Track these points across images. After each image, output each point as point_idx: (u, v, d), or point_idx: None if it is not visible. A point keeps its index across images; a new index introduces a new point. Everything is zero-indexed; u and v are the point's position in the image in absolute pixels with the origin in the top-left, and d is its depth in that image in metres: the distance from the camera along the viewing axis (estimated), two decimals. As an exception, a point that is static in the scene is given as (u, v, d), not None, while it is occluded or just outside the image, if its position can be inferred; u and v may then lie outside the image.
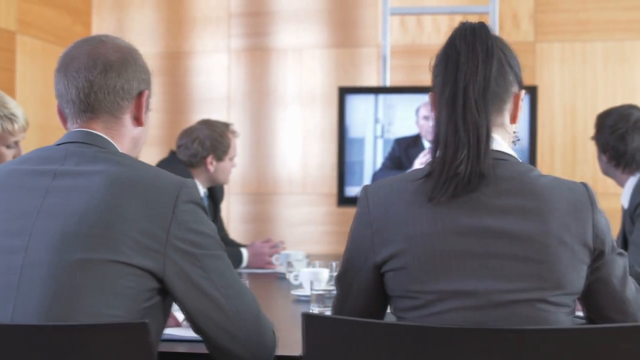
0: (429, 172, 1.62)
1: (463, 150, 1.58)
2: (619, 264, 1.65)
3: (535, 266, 1.56)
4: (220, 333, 1.68)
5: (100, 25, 5.45)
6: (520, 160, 1.68)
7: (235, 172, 5.31)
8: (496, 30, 4.36)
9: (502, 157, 1.65)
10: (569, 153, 5.01)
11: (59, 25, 5.07)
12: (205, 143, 3.51)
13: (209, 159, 3.53)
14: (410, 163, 4.22)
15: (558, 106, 5.05)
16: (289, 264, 3.03)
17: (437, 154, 1.62)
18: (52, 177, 1.65)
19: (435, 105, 1.69)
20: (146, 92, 1.81)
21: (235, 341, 1.69)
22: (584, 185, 1.65)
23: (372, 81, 5.05)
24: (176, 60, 5.41)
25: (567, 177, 4.79)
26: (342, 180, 4.32)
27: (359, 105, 4.33)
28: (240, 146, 5.31)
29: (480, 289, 1.56)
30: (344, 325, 1.52)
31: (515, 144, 1.75)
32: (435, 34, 5.05)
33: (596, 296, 1.65)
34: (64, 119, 1.81)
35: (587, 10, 5.06)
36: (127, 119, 1.79)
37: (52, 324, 1.51)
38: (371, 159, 4.28)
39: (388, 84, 4.42)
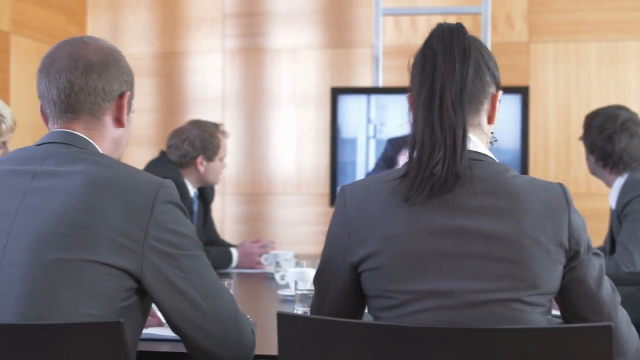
0: (405, 172, 1.63)
1: (439, 151, 1.59)
2: (595, 264, 1.65)
3: (510, 266, 1.57)
4: (199, 332, 1.69)
5: (95, 26, 5.47)
6: (497, 161, 1.68)
7: (230, 172, 5.33)
8: (488, 31, 4.37)
9: (478, 157, 1.65)
10: (562, 153, 5.02)
11: (54, 25, 5.08)
12: (195, 143, 3.52)
13: (199, 159, 3.54)
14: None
15: (552, 106, 5.06)
16: (278, 264, 3.04)
17: (414, 154, 1.63)
18: (31, 178, 1.66)
19: (413, 105, 1.69)
20: (128, 93, 1.81)
21: (213, 340, 1.70)
22: (560, 185, 1.66)
23: (367, 82, 5.06)
24: (171, 61, 5.42)
25: (562, 177, 4.82)
26: (334, 180, 4.33)
27: (351, 106, 4.34)
28: (234, 146, 5.33)
29: (455, 289, 1.57)
30: (318, 325, 1.53)
31: (492, 145, 1.76)
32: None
33: (572, 296, 1.65)
34: (45, 119, 1.82)
35: (581, 11, 5.07)
36: (108, 120, 1.80)
37: (28, 323, 1.52)
38: (363, 159, 4.28)
39: (381, 84, 4.43)
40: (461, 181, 1.59)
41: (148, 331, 2.10)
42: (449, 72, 1.62)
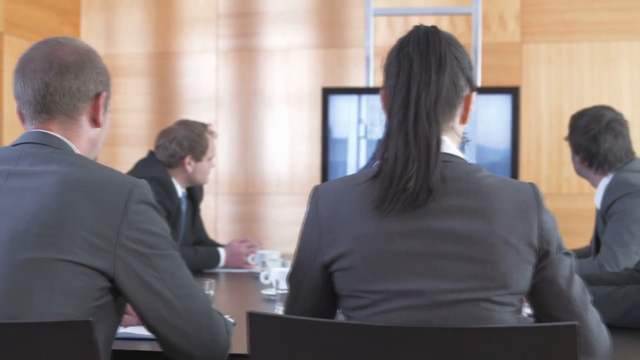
0: (375, 174, 1.64)
1: (413, 165, 1.58)
2: (566, 263, 1.66)
3: (480, 266, 1.58)
4: (173, 332, 1.71)
5: (89, 26, 5.48)
6: (468, 161, 1.69)
7: (223, 172, 5.35)
8: (479, 31, 4.38)
9: (449, 159, 1.66)
10: (555, 153, 5.02)
11: (47, 25, 5.10)
12: (183, 143, 3.53)
13: (187, 159, 3.55)
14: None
15: (544, 107, 5.07)
16: (264, 264, 3.05)
17: (387, 164, 1.62)
18: (5, 178, 1.67)
19: (387, 105, 1.70)
20: (104, 93, 1.82)
21: (187, 340, 1.71)
22: (532, 185, 1.66)
23: (359, 82, 5.06)
24: (164, 61, 5.43)
25: (554, 177, 4.82)
26: (325, 180, 4.34)
27: (342, 106, 4.35)
28: (227, 146, 5.34)
29: (425, 289, 1.58)
30: (287, 324, 1.54)
31: (465, 145, 1.76)
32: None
33: (542, 295, 1.66)
34: (22, 119, 1.83)
35: (573, 12, 5.07)
36: (84, 120, 1.81)
37: (-1, 322, 1.54)
38: (355, 159, 4.29)
39: (372, 84, 4.44)
40: (433, 195, 1.59)
41: (128, 330, 2.11)
42: (425, 82, 1.61)
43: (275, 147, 5.30)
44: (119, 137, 5.43)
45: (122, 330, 2.11)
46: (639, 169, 3.12)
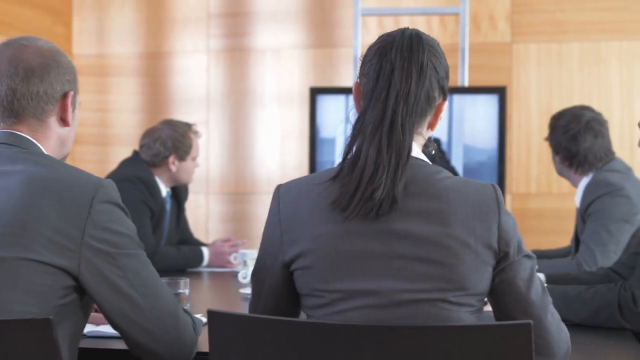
0: (336, 174, 1.65)
1: (383, 174, 1.59)
2: (526, 266, 1.66)
3: (437, 268, 1.59)
4: (138, 330, 1.72)
5: (81, 26, 5.50)
6: (429, 163, 1.70)
7: (214, 171, 5.36)
8: (466, 31, 4.38)
9: (411, 160, 1.66)
10: (544, 153, 5.02)
11: (39, 25, 5.11)
12: (167, 143, 3.54)
13: (171, 158, 3.56)
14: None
15: (534, 106, 5.08)
16: (244, 263, 3.07)
17: (355, 168, 1.62)
18: None
19: (359, 101, 1.71)
20: (71, 93, 1.83)
21: (152, 338, 1.73)
22: (493, 186, 1.67)
23: (350, 82, 5.07)
24: (156, 61, 5.45)
25: (543, 176, 4.82)
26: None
27: (330, 106, 4.36)
28: (218, 146, 5.35)
29: (382, 289, 1.59)
30: (246, 322, 1.56)
31: (429, 149, 1.76)
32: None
33: (502, 297, 1.67)
34: None
35: (563, 11, 5.08)
36: (53, 121, 1.82)
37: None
38: (341, 158, 4.30)
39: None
40: (396, 205, 1.60)
41: (100, 328, 2.13)
42: (404, 91, 1.61)
43: (266, 147, 5.31)
44: (111, 137, 5.44)
45: (94, 328, 2.13)
46: (618, 168, 3.13)
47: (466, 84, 4.39)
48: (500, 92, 4.21)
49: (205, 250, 3.55)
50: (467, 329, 1.49)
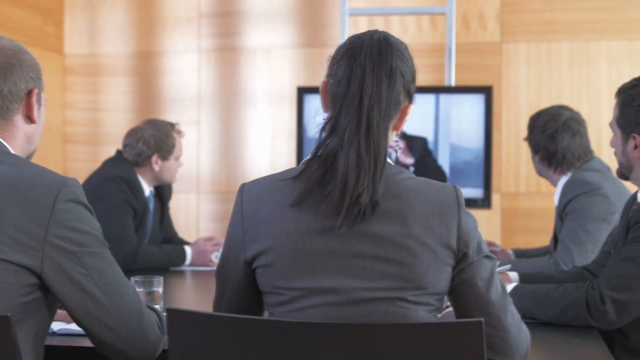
0: (299, 174, 1.67)
1: (365, 178, 1.60)
2: (485, 266, 1.68)
3: (396, 267, 1.60)
4: (102, 328, 1.74)
5: (72, 25, 5.52)
6: (392, 164, 1.71)
7: (205, 170, 5.38)
8: (453, 31, 4.39)
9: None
10: (533, 153, 5.04)
11: (30, 25, 5.13)
12: (150, 142, 3.56)
13: (154, 158, 3.58)
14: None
15: (523, 106, 5.08)
16: (225, 262, 3.07)
17: (338, 174, 1.63)
18: None
19: (325, 99, 1.72)
20: (35, 90, 1.85)
21: (117, 336, 1.74)
22: (454, 187, 1.68)
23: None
24: (147, 60, 5.47)
25: (532, 176, 4.82)
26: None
27: (318, 105, 4.36)
28: (209, 145, 5.37)
29: (341, 287, 1.61)
30: (205, 320, 1.57)
31: (394, 150, 1.78)
32: (403, 34, 5.08)
33: (461, 297, 1.69)
34: None
35: (552, 11, 5.09)
36: (19, 118, 1.84)
37: None
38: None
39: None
40: (378, 208, 1.61)
41: (70, 327, 2.15)
42: (377, 95, 1.63)
43: (256, 146, 5.33)
44: (102, 136, 5.46)
45: (65, 326, 2.15)
46: (597, 167, 3.14)
47: (453, 83, 4.40)
48: (486, 92, 4.22)
49: (188, 249, 3.57)
50: (420, 326, 1.51)
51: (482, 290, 1.67)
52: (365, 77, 1.64)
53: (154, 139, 3.55)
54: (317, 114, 1.75)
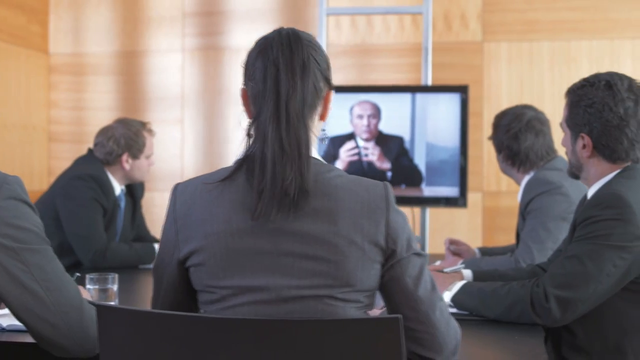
0: (230, 174, 1.70)
1: (291, 169, 1.63)
2: (414, 263, 1.69)
3: (324, 265, 1.63)
4: (43, 324, 1.76)
5: (57, 24, 5.55)
6: (322, 161, 1.73)
7: (189, 169, 5.41)
8: (430, 30, 4.42)
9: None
10: (514, 152, 5.06)
11: (15, 24, 5.16)
12: (120, 141, 3.58)
13: (124, 157, 3.60)
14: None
15: (505, 105, 5.01)
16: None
17: (266, 169, 1.65)
18: None
19: (249, 106, 1.76)
20: None
21: (57, 332, 1.77)
22: (384, 184, 1.70)
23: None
24: (131, 59, 5.50)
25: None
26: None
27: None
28: (193, 144, 5.40)
29: (270, 285, 1.63)
30: (134, 317, 1.60)
31: (323, 142, 1.81)
32: (385, 34, 5.10)
33: (391, 293, 1.71)
34: None
35: (534, 11, 5.11)
36: None
37: None
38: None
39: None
40: (308, 197, 1.64)
41: (19, 323, 2.17)
42: (292, 87, 1.66)
43: (240, 145, 5.34)
44: (87, 135, 5.48)
45: (15, 322, 2.17)
46: (559, 167, 3.16)
47: (430, 82, 4.42)
48: (462, 91, 4.24)
49: (157, 247, 3.59)
50: (340, 322, 1.53)
51: (410, 287, 1.69)
52: (280, 71, 1.67)
53: (124, 138, 3.58)
54: (241, 121, 1.78)
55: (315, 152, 1.75)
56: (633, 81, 2.29)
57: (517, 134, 3.20)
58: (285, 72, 1.67)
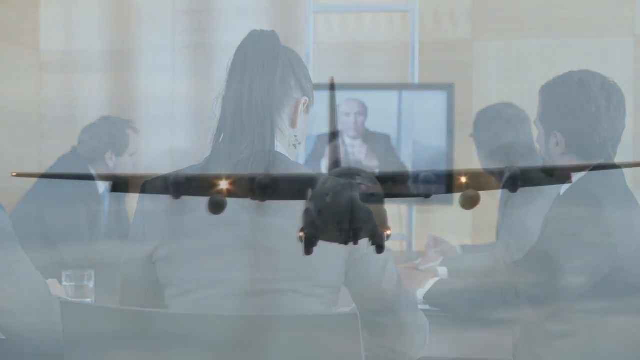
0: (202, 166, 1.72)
1: (247, 137, 1.66)
2: (378, 257, 1.71)
3: (287, 259, 1.64)
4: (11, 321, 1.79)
5: (47, 21, 5.55)
6: (293, 161, 1.75)
7: (180, 168, 5.40)
8: (417, 29, 4.42)
9: (276, 156, 1.72)
10: (504, 149, 5.06)
11: (5, 21, 5.16)
12: (104, 139, 3.60)
13: (108, 154, 3.62)
14: (331, 159, 4.30)
15: (494, 103, 5.09)
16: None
17: (221, 139, 1.69)
18: None
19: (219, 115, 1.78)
20: None
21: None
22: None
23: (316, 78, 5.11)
24: (122, 57, 5.50)
25: (499, 173, 4.83)
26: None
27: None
28: (184, 143, 5.40)
29: (234, 279, 1.65)
30: (97, 312, 1.62)
31: (295, 147, 1.82)
32: (374, 31, 5.10)
33: (356, 287, 1.72)
34: None
35: (523, 9, 5.10)
36: None
37: None
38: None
39: (313, 81, 4.48)
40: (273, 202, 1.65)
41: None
42: (259, 72, 1.70)
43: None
44: (77, 133, 5.49)
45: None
46: (539, 165, 3.16)
47: (416, 80, 4.43)
48: (448, 89, 4.25)
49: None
50: (297, 318, 1.55)
51: (374, 281, 1.71)
52: (247, 59, 1.75)
53: (107, 136, 3.59)
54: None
55: (284, 150, 1.77)
56: (606, 79, 2.31)
57: (497, 132, 3.21)
58: (253, 59, 1.75)
